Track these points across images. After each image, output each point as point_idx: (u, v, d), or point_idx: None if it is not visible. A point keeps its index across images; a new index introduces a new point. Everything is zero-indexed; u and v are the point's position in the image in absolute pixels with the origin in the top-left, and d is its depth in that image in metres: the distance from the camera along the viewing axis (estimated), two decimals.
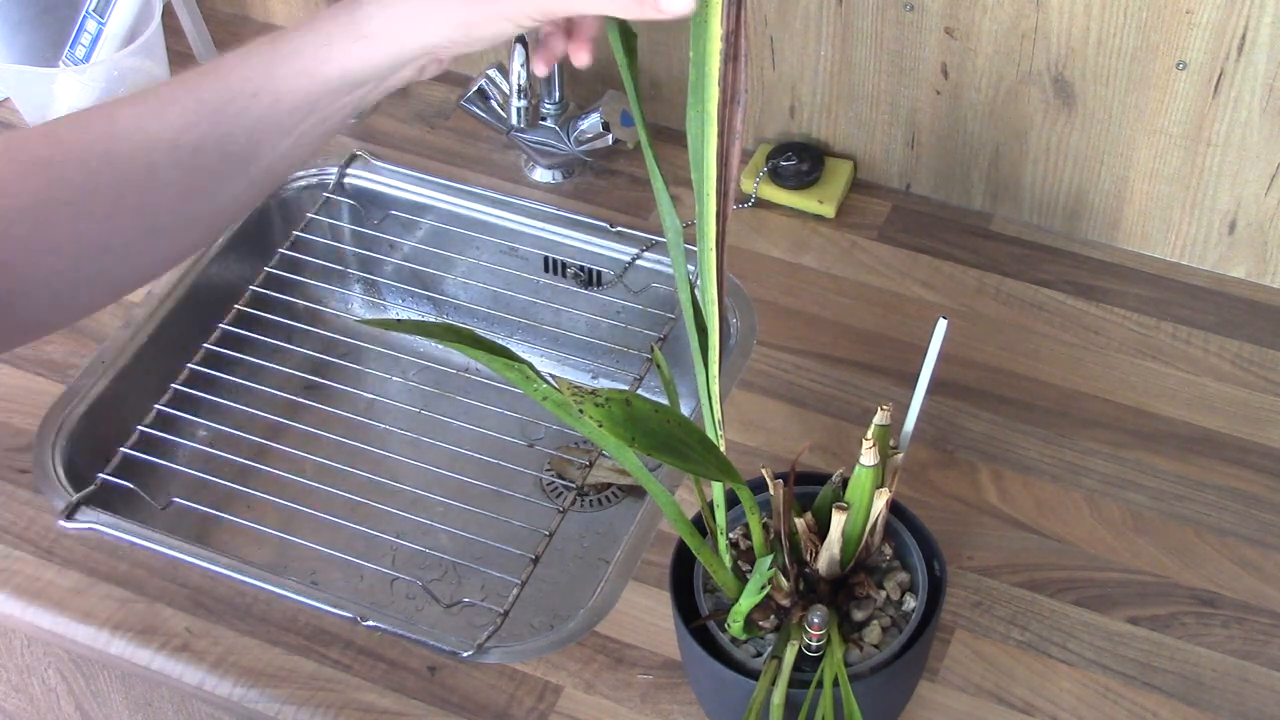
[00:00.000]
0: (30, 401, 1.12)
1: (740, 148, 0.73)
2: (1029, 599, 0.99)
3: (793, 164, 1.24)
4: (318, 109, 0.77)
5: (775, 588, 0.84)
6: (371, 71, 0.77)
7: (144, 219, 0.77)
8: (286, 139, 0.78)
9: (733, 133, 0.72)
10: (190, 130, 0.76)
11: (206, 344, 1.17)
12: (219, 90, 0.76)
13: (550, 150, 1.28)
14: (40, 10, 1.32)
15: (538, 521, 1.06)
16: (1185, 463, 1.07)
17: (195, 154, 0.76)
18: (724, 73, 0.70)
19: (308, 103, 0.77)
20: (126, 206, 0.75)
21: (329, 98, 0.77)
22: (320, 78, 0.76)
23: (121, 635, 0.99)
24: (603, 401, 0.70)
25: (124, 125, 0.76)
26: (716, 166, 0.72)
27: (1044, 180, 1.21)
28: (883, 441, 0.82)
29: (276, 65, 0.76)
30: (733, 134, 0.72)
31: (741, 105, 0.72)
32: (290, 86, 0.76)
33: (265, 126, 0.77)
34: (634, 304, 1.24)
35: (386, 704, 0.95)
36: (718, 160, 0.72)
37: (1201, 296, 1.18)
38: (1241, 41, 1.07)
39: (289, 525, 1.11)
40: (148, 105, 0.77)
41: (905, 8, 1.16)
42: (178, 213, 0.78)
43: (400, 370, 1.30)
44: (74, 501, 1.05)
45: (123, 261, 0.78)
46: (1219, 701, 0.94)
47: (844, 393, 1.12)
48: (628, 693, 0.95)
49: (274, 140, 0.78)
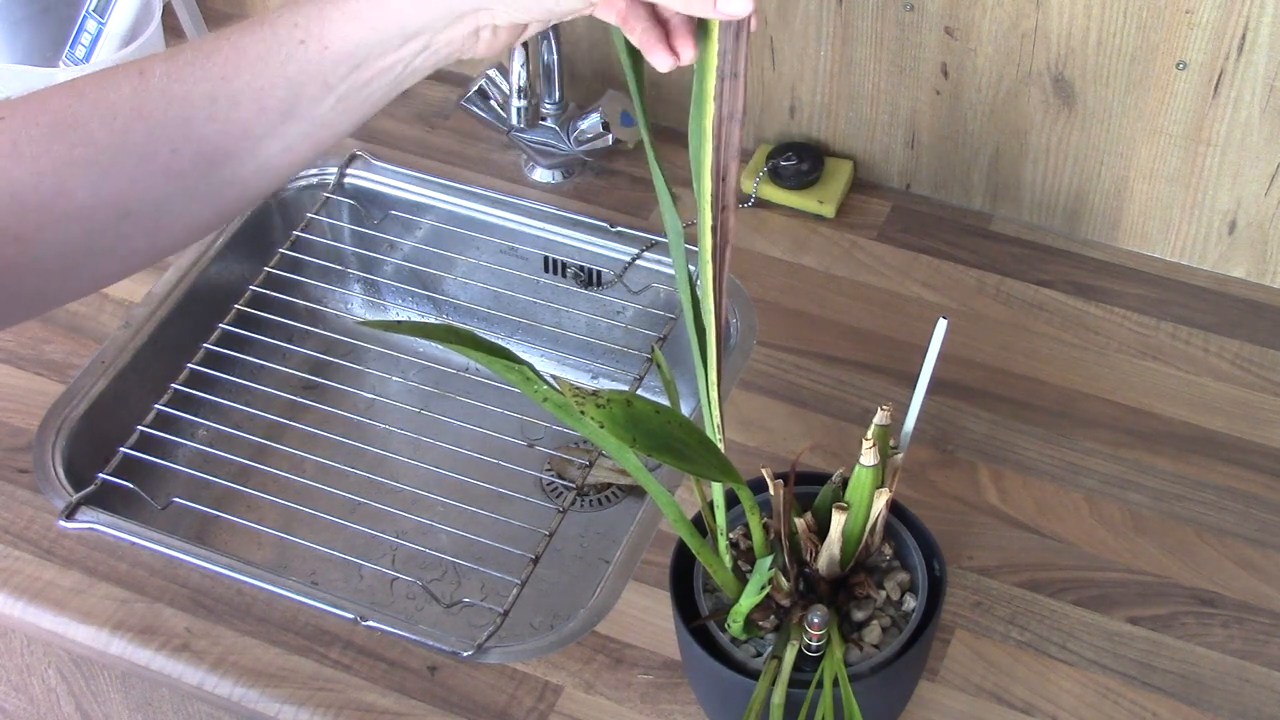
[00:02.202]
0: (30, 401, 1.12)
1: (739, 164, 0.72)
2: (1029, 599, 0.99)
3: (793, 164, 1.24)
4: (365, 64, 0.74)
5: (775, 588, 0.84)
6: (424, 21, 0.73)
7: (171, 181, 0.73)
8: (329, 96, 0.74)
9: (730, 149, 0.72)
10: (229, 81, 0.72)
11: (206, 344, 1.17)
12: (263, 37, 0.73)
13: (550, 150, 1.28)
14: (40, 10, 1.32)
15: (537, 521, 1.06)
16: (1185, 463, 1.07)
17: (232, 107, 0.73)
18: (719, 90, 0.70)
19: (355, 54, 0.73)
20: (154, 168, 0.72)
21: (376, 52, 0.73)
22: (371, 23, 0.72)
23: (121, 635, 0.99)
24: (604, 403, 0.70)
25: (157, 80, 0.72)
26: (712, 181, 0.72)
27: (1044, 180, 1.21)
28: (883, 441, 0.82)
29: (326, 10, 0.73)
30: (730, 150, 0.72)
31: (739, 123, 0.71)
32: (340, 32, 0.72)
33: (308, 77, 0.73)
34: (634, 304, 1.24)
35: (386, 704, 0.95)
36: (713, 176, 0.72)
37: (1201, 296, 1.18)
38: (1241, 41, 1.07)
39: (289, 525, 1.11)
40: (184, 58, 0.73)
41: (905, 8, 1.16)
42: (208, 175, 0.74)
43: (400, 370, 1.30)
44: (74, 501, 1.05)
45: (143, 231, 0.74)
46: (1219, 701, 0.94)
47: (844, 393, 1.12)
48: (628, 693, 0.95)
49: (316, 95, 0.74)
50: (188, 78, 0.73)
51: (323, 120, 0.75)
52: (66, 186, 0.71)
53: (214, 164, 0.74)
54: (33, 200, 0.70)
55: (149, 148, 0.72)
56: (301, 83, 0.73)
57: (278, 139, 0.75)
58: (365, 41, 0.73)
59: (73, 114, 0.71)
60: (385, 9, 0.72)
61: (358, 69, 0.74)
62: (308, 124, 0.75)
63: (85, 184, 0.71)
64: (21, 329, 1.16)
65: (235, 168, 0.75)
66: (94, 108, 0.71)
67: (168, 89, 0.72)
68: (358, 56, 0.74)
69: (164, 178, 0.73)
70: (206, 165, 0.74)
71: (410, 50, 0.74)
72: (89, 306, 1.19)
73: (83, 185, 0.71)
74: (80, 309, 1.18)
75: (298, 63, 0.73)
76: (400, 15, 0.73)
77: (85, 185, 0.71)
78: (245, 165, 0.75)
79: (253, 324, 1.20)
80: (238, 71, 0.73)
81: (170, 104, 0.72)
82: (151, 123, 0.72)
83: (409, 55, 0.75)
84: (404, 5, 0.73)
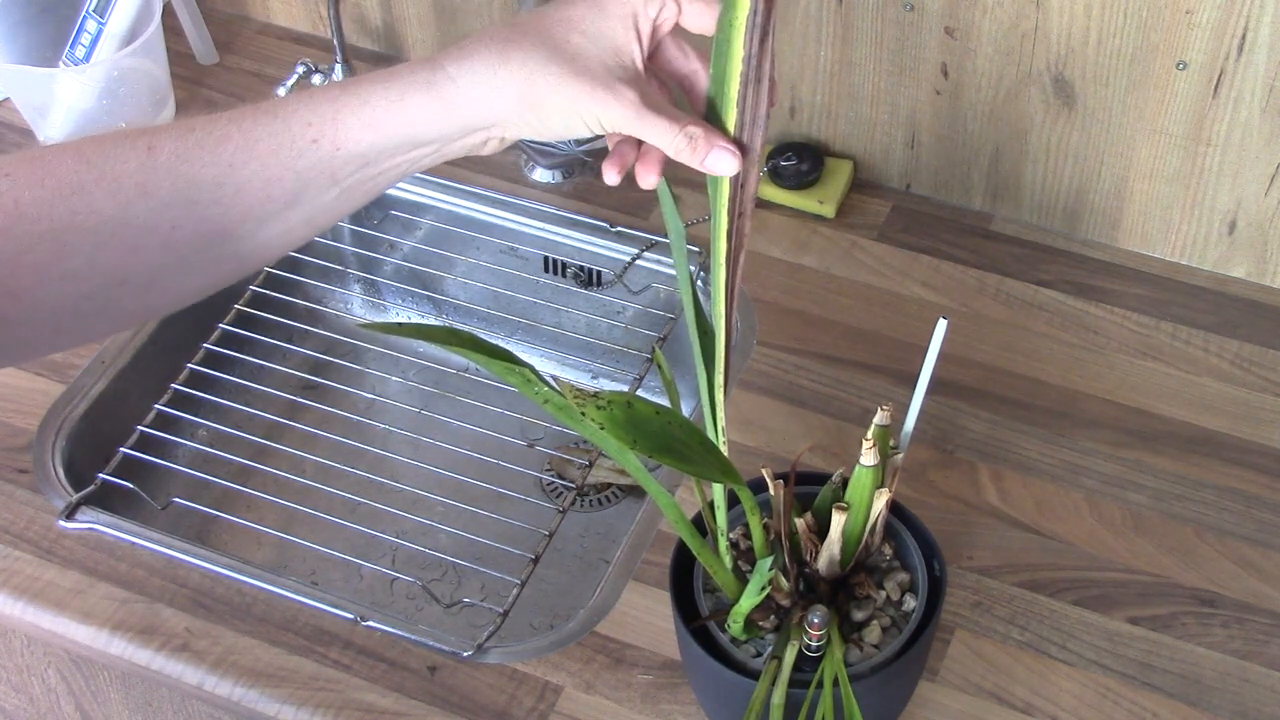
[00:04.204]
0: (30, 401, 1.12)
1: (759, 172, 0.72)
2: (1029, 599, 0.99)
3: (793, 164, 1.24)
4: (374, 163, 0.75)
5: (775, 588, 0.84)
6: (437, 133, 0.74)
7: (170, 254, 0.73)
8: (334, 189, 0.75)
9: (751, 156, 0.72)
10: (238, 169, 0.73)
11: (206, 344, 1.17)
12: (276, 131, 0.73)
13: (550, 150, 1.28)
14: (40, 10, 1.32)
15: (537, 521, 1.06)
16: (1185, 463, 1.07)
17: (238, 194, 0.73)
18: (742, 95, 0.70)
19: (365, 155, 0.74)
20: (154, 241, 0.73)
21: (388, 154, 0.75)
22: (385, 131, 0.73)
23: (121, 635, 0.99)
24: (604, 404, 0.70)
25: (165, 158, 0.72)
26: (730, 187, 0.72)
27: (1044, 180, 1.21)
28: (883, 441, 0.82)
29: (343, 113, 0.73)
30: (751, 157, 0.72)
31: (762, 128, 0.71)
32: (354, 136, 0.73)
33: (317, 173, 0.74)
34: (634, 304, 1.24)
35: (386, 704, 0.95)
36: (732, 182, 0.71)
37: (1201, 296, 1.18)
38: (1241, 41, 1.07)
39: (289, 525, 1.11)
40: (194, 138, 0.73)
41: (905, 8, 1.16)
42: (207, 251, 0.75)
43: (400, 370, 1.30)
44: (74, 501, 1.05)
45: (136, 296, 0.74)
46: (1219, 701, 0.94)
47: (844, 393, 1.12)
48: (628, 693, 0.95)
49: (322, 187, 0.75)
50: (196, 160, 0.73)
51: (325, 208, 0.76)
52: (65, 250, 0.71)
53: (213, 242, 0.74)
54: (28, 260, 0.70)
55: (150, 222, 0.72)
56: (310, 177, 0.74)
57: (279, 223, 0.75)
58: (377, 145, 0.74)
59: (78, 181, 0.71)
60: (400, 120, 0.73)
61: (366, 166, 0.75)
62: (310, 211, 0.76)
63: (84, 250, 0.71)
64: None
65: (234, 246, 0.75)
66: (99, 178, 0.71)
67: (175, 169, 0.72)
68: (368, 157, 0.74)
69: (162, 250, 0.73)
70: (205, 243, 0.74)
71: (420, 154, 0.76)
72: None
73: (81, 251, 0.71)
74: None
75: (308, 160, 0.74)
76: (415, 128, 0.74)
77: (84, 251, 0.71)
78: (244, 244, 0.75)
79: (253, 324, 1.20)
80: (246, 161, 0.73)
81: (176, 183, 0.72)
82: (155, 200, 0.72)
83: (418, 157, 0.76)
84: (419, 119, 0.73)
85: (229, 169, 0.73)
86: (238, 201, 0.73)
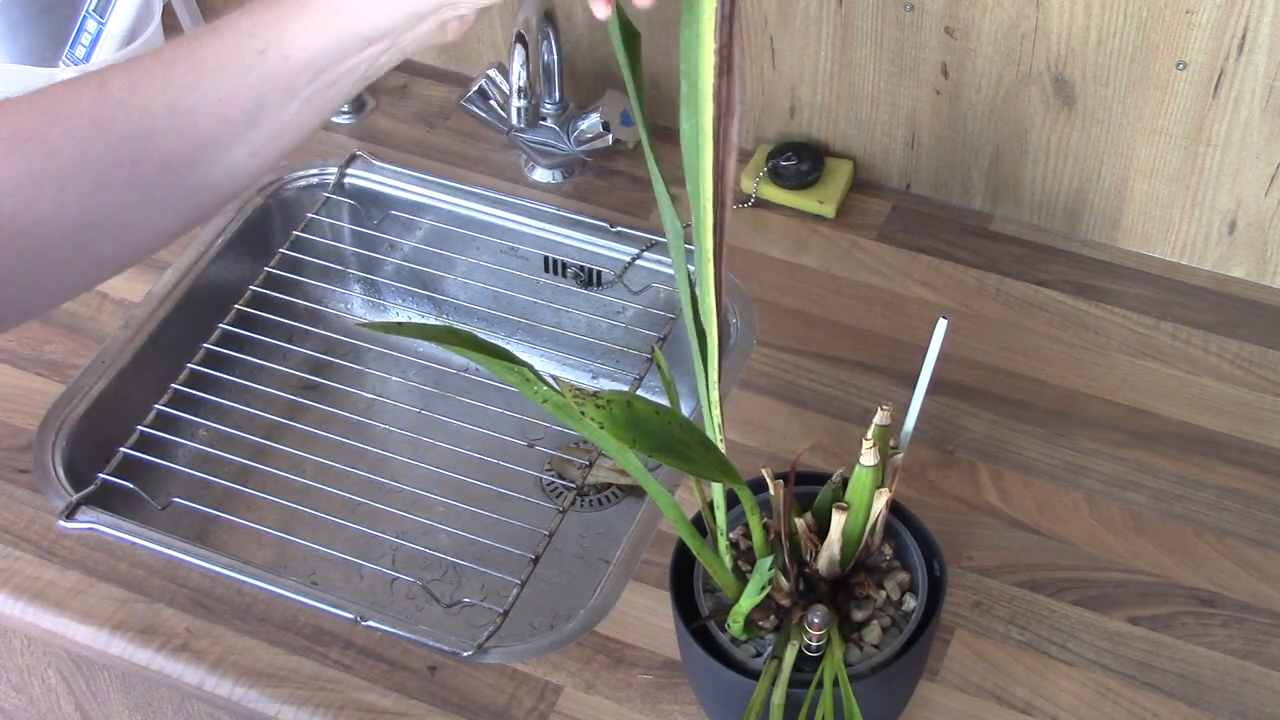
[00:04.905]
0: (30, 401, 1.12)
1: (735, 159, 0.72)
2: (1029, 599, 0.99)
3: (793, 164, 1.24)
4: (328, 69, 0.73)
5: (775, 588, 0.84)
6: (386, 24, 0.72)
7: (136, 191, 0.72)
8: (293, 101, 0.73)
9: (728, 145, 0.72)
10: (189, 92, 0.71)
11: (206, 344, 1.17)
12: (222, 47, 0.72)
13: (550, 150, 1.28)
14: (40, 10, 1.32)
15: (537, 521, 1.06)
16: (1185, 463, 1.07)
17: (194, 118, 0.72)
18: (718, 87, 0.70)
19: (317, 61, 0.73)
20: (117, 179, 0.72)
21: (340, 56, 0.73)
22: (330, 32, 0.72)
23: (121, 635, 0.99)
24: (604, 404, 0.70)
25: (116, 91, 0.71)
26: (713, 180, 0.72)
27: (1044, 180, 1.21)
28: (883, 441, 0.82)
29: (287, 18, 0.72)
30: (728, 146, 0.72)
31: (737, 116, 0.71)
32: (300, 41, 0.72)
33: (270, 86, 0.72)
34: (634, 304, 1.24)
35: (386, 704, 0.95)
36: (714, 174, 0.72)
37: (1201, 296, 1.18)
38: (1241, 41, 1.07)
39: (289, 525, 1.11)
40: (143, 68, 0.72)
41: (905, 8, 1.16)
42: (173, 184, 0.73)
43: (400, 370, 1.30)
44: (74, 501, 1.05)
45: (109, 238, 0.73)
46: (1219, 701, 0.94)
47: (844, 393, 1.12)
48: (628, 693, 0.95)
49: (280, 101, 0.73)
50: (147, 88, 0.72)
51: (289, 123, 0.75)
52: (30, 198, 0.70)
53: (178, 173, 0.73)
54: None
55: (111, 159, 0.71)
56: (264, 91, 0.73)
57: (243, 145, 0.74)
58: (326, 49, 0.72)
59: (33, 126, 0.71)
60: (343, 17, 0.72)
61: (321, 74, 0.73)
62: (274, 128, 0.74)
63: (48, 195, 0.70)
64: (22, 329, 1.16)
65: (202, 175, 0.74)
66: (54, 119, 0.71)
67: (127, 100, 0.71)
68: (320, 63, 0.73)
69: (128, 188, 0.72)
70: (171, 175, 0.73)
71: (374, 51, 0.74)
72: (89, 307, 1.19)
73: (46, 197, 0.70)
74: (80, 309, 1.18)
75: (258, 73, 0.72)
76: (359, 22, 0.72)
77: (48, 197, 0.70)
78: (212, 171, 0.74)
79: (253, 324, 1.20)
80: (197, 83, 0.72)
81: (130, 115, 0.71)
82: (112, 135, 0.71)
83: (373, 55, 0.74)
84: (362, 12, 0.72)
85: (180, 93, 0.72)
86: (196, 126, 0.72)
